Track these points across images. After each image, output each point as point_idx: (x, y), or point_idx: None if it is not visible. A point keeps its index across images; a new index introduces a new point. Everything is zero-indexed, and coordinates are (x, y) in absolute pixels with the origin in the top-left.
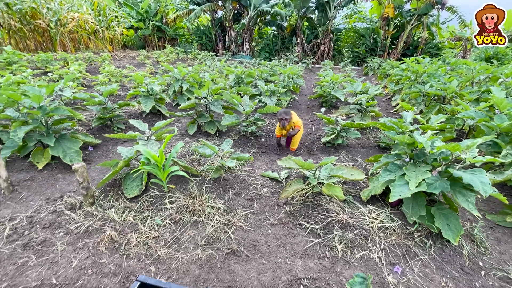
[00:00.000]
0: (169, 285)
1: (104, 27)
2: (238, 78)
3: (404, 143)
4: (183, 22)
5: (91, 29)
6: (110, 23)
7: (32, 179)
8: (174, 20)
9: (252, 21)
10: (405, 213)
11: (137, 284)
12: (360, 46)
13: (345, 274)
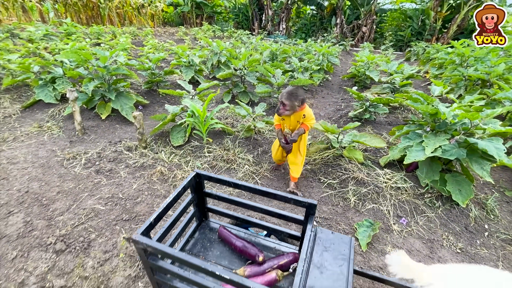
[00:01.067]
0: (220, 177)
1: (146, 3)
2: (273, 54)
3: (427, 113)
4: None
5: (135, 5)
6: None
7: (97, 126)
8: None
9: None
10: (419, 176)
11: (193, 174)
12: (406, 29)
13: (354, 219)
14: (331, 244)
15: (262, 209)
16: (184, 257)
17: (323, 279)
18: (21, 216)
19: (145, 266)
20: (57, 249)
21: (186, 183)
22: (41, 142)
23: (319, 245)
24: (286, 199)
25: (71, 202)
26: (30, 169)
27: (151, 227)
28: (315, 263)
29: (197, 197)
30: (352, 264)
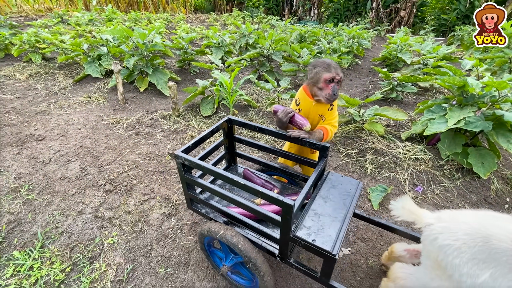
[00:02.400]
0: (248, 122)
1: None
2: (301, 37)
3: (454, 85)
4: None
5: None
6: None
7: (136, 98)
8: None
9: None
10: (440, 149)
11: (226, 119)
12: (451, 12)
13: (369, 185)
14: (339, 184)
15: (282, 152)
16: (212, 168)
17: (325, 206)
18: (77, 164)
19: (182, 181)
20: (106, 189)
21: (219, 124)
22: (90, 109)
23: (328, 183)
24: (302, 142)
25: (116, 156)
26: (82, 130)
27: (189, 149)
28: (321, 195)
29: (228, 141)
30: (356, 200)
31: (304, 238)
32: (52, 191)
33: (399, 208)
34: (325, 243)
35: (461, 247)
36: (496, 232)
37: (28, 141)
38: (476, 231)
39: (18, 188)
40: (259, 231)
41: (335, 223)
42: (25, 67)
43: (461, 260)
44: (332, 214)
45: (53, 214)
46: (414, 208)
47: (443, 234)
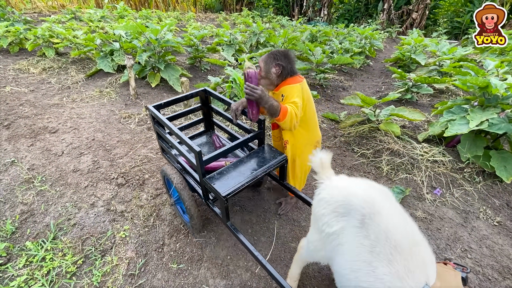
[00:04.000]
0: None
1: None
2: (312, 36)
3: (477, 86)
4: None
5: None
6: None
7: (147, 93)
8: None
9: None
10: (460, 151)
11: (202, 89)
12: (465, 15)
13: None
14: (266, 154)
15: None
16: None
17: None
18: (90, 157)
19: (154, 130)
20: (118, 183)
21: (194, 92)
22: (102, 104)
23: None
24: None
25: (128, 150)
26: (94, 123)
27: (160, 106)
28: (245, 159)
29: (206, 108)
30: (270, 167)
31: (209, 181)
32: (65, 183)
33: (317, 158)
34: (220, 187)
35: (329, 200)
36: (357, 191)
37: (41, 133)
38: (345, 189)
39: (32, 179)
40: (192, 176)
41: (239, 177)
42: (38, 61)
43: (325, 211)
44: (242, 172)
45: (66, 206)
46: (327, 165)
47: (324, 190)
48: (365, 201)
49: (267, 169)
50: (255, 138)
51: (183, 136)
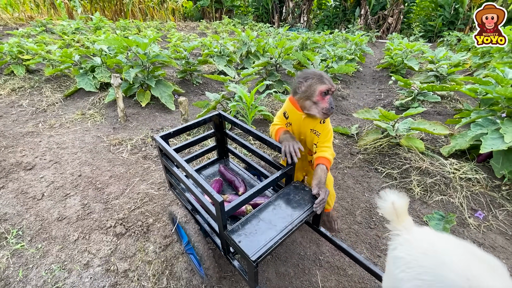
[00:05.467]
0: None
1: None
2: (303, 44)
3: (504, 97)
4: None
5: (156, 0)
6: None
7: (138, 114)
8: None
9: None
10: (494, 167)
11: (216, 113)
12: (436, 19)
13: (422, 212)
14: (298, 193)
15: (256, 152)
16: (174, 155)
17: (271, 212)
18: (78, 199)
19: (162, 163)
20: (117, 232)
21: (207, 117)
22: (86, 129)
23: (288, 192)
24: (273, 146)
25: (124, 187)
26: (79, 154)
27: (169, 135)
28: (274, 201)
29: (219, 134)
30: (307, 214)
31: (233, 237)
32: (48, 236)
33: (388, 202)
34: (248, 247)
35: (410, 262)
36: (451, 261)
37: (14, 171)
38: (434, 254)
39: (4, 234)
40: (208, 222)
41: (270, 231)
42: (6, 81)
43: (405, 275)
44: (272, 222)
45: (51, 268)
46: (403, 211)
47: (402, 246)
48: (464, 278)
49: (305, 216)
50: (285, 176)
51: (202, 181)
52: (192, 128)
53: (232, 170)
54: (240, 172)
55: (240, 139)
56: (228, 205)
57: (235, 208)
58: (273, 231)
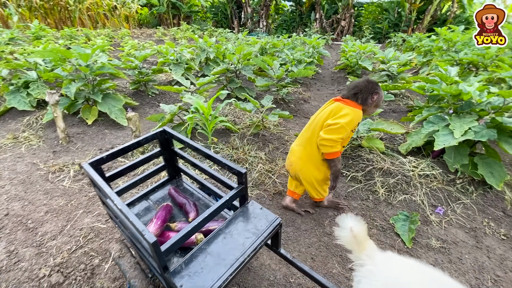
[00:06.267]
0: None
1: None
2: (262, 49)
3: (449, 94)
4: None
5: (108, 6)
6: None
7: (83, 133)
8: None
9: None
10: (447, 162)
11: (160, 130)
12: (383, 22)
13: (388, 213)
14: (252, 218)
15: (206, 171)
16: (103, 186)
17: (221, 243)
18: (2, 245)
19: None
20: (53, 283)
21: (149, 135)
22: (19, 155)
23: (240, 216)
24: (221, 164)
25: (64, 223)
26: (8, 187)
27: (101, 161)
28: (224, 230)
29: (167, 153)
30: (261, 240)
31: (174, 281)
32: None
33: (346, 229)
34: None
35: None
36: None
37: None
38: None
39: None
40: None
41: (219, 267)
42: None
43: None
44: (221, 255)
45: None
46: (361, 236)
47: (366, 278)
48: None
49: (260, 243)
50: (237, 197)
51: (133, 218)
52: (131, 149)
53: (185, 191)
54: (194, 192)
55: (189, 157)
56: (167, 242)
57: (175, 245)
58: (222, 267)
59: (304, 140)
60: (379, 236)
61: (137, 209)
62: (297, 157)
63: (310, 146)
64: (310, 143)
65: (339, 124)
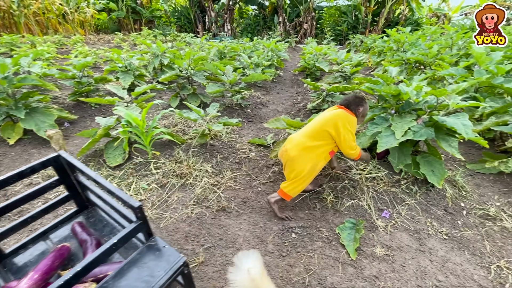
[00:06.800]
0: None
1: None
2: (220, 53)
3: (390, 94)
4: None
5: (58, 11)
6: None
7: (3, 155)
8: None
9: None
10: (392, 163)
11: (55, 154)
12: (342, 24)
13: (335, 222)
14: (150, 261)
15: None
16: None
17: None
18: None
19: None
20: None
21: (37, 163)
22: None
23: (136, 261)
24: (115, 195)
25: None
26: None
27: None
28: (114, 281)
29: (69, 182)
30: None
31: None
32: None
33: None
34: None
35: None
36: None
37: None
38: None
39: None
40: None
41: None
42: None
43: None
44: None
45: None
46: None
47: None
48: None
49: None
50: (134, 235)
51: None
52: (9, 183)
53: (98, 224)
54: (109, 224)
55: (91, 186)
56: None
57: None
58: None
59: (307, 133)
60: (323, 250)
61: (28, 254)
62: (294, 145)
63: (310, 140)
64: (311, 136)
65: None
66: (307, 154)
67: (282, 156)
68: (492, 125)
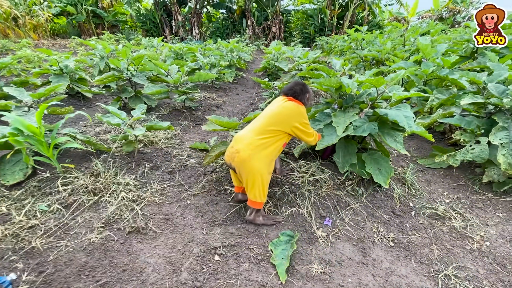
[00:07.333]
0: None
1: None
2: (177, 54)
3: (332, 87)
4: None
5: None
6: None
7: None
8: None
9: (199, 4)
10: (337, 162)
11: None
12: (309, 27)
13: (270, 236)
14: None
15: None
16: None
17: None
18: None
19: None
20: None
21: None
22: None
23: None
24: None
25: None
26: None
27: None
28: None
29: None
30: None
31: None
32: None
33: None
34: None
35: None
36: None
37: None
38: None
39: None
40: None
41: None
42: None
43: None
44: None
45: None
46: None
47: None
48: None
49: None
50: None
51: None
52: None
53: None
54: None
55: None
56: None
57: None
58: None
59: (257, 129)
60: (249, 273)
61: None
62: (246, 144)
63: (262, 136)
64: (262, 132)
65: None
66: (262, 151)
67: (233, 159)
68: (440, 117)
